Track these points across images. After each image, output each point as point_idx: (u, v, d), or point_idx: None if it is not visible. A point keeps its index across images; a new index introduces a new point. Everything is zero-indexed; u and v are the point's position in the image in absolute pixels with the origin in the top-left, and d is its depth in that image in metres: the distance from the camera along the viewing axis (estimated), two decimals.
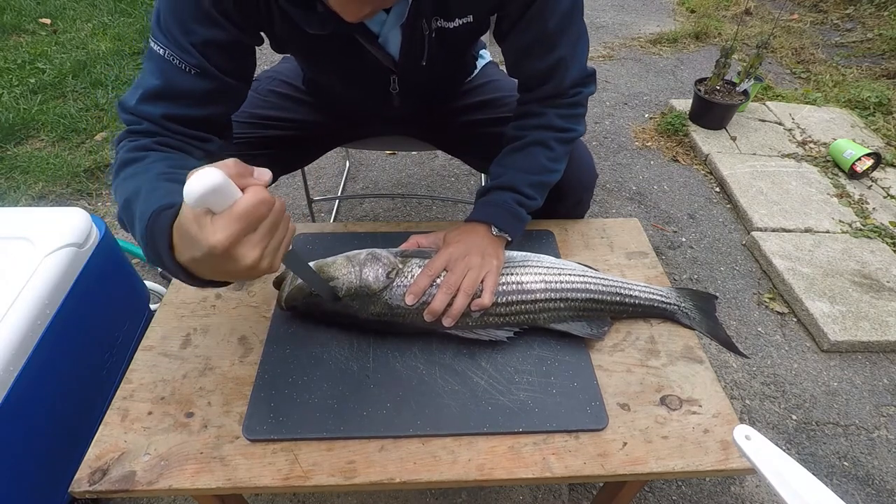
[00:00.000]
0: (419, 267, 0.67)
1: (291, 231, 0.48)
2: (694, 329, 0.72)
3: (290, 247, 0.50)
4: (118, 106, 0.64)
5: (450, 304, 0.64)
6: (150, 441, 0.57)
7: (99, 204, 1.66)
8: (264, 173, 0.44)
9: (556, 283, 0.69)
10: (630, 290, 0.72)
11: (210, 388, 0.62)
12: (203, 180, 0.38)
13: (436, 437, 0.58)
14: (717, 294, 1.43)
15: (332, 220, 1.61)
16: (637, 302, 0.72)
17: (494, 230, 0.72)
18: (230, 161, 0.42)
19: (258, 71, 1.01)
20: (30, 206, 1.59)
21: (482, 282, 0.66)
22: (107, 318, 0.98)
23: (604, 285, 0.70)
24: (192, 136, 0.64)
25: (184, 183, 0.40)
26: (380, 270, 0.66)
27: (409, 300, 0.64)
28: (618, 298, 0.71)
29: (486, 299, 0.65)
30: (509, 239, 0.74)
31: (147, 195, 0.52)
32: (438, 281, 0.66)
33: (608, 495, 0.80)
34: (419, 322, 0.66)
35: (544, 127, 0.77)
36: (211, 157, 0.66)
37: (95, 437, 0.58)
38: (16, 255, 0.84)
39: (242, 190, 0.42)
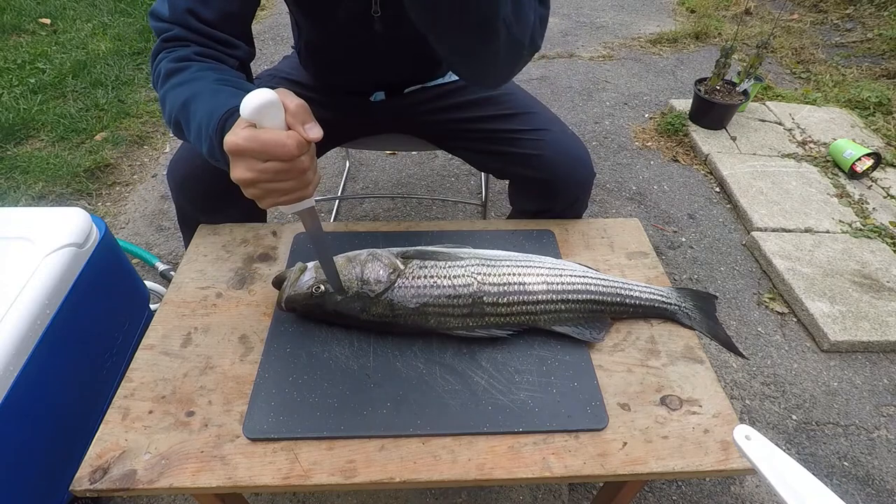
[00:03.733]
0: (420, 268, 0.67)
1: (302, 199, 0.54)
2: (694, 329, 0.72)
3: (312, 208, 0.56)
4: (149, 15, 0.70)
5: None
6: (151, 440, 0.57)
7: (99, 204, 1.66)
8: (313, 130, 0.49)
9: (557, 284, 0.69)
10: (630, 290, 0.72)
11: (211, 387, 0.62)
12: (257, 97, 0.45)
13: (436, 437, 0.58)
14: (717, 294, 1.43)
15: (332, 220, 1.61)
16: (637, 303, 0.72)
17: None
18: (301, 101, 0.49)
19: (259, 70, 1.01)
20: (30, 206, 1.59)
21: None
22: (107, 318, 0.98)
23: (604, 286, 0.70)
24: (219, 39, 0.69)
25: (240, 87, 0.53)
26: (380, 271, 0.66)
27: None
28: (618, 299, 0.71)
29: None
30: None
31: (211, 96, 0.59)
32: (437, 282, 0.66)
33: (608, 495, 0.80)
34: (420, 322, 0.66)
35: None
36: (242, 66, 0.73)
37: (96, 436, 0.58)
38: (16, 255, 0.84)
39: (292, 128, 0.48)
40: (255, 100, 0.45)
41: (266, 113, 0.46)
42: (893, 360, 1.29)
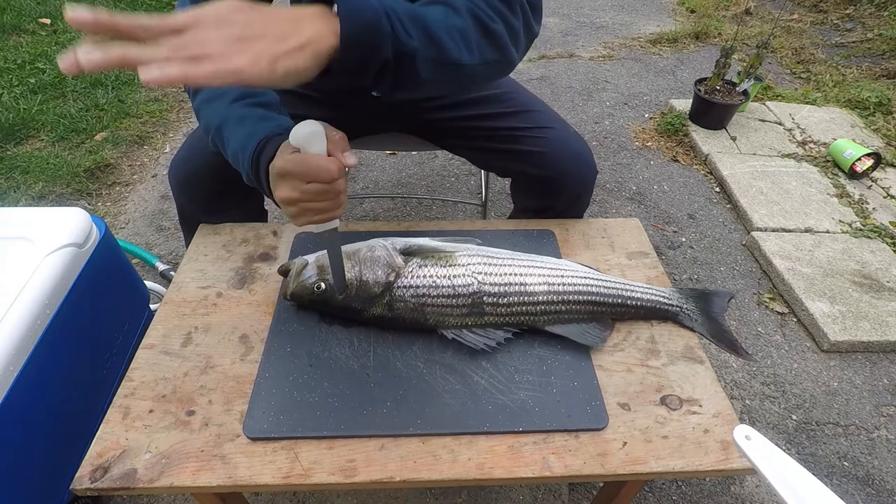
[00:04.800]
0: (420, 266, 0.67)
1: (332, 219, 0.59)
2: (696, 331, 0.72)
3: (336, 229, 0.61)
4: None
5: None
6: (151, 439, 0.57)
7: (99, 204, 1.66)
8: (350, 157, 0.55)
9: (558, 284, 0.68)
10: (632, 291, 0.72)
11: (211, 387, 0.62)
12: (305, 127, 0.52)
13: (436, 436, 0.58)
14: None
15: None
16: (639, 304, 0.71)
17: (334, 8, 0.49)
18: (341, 133, 0.55)
19: None
20: (30, 206, 1.59)
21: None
22: (107, 318, 0.98)
23: (605, 287, 0.70)
24: None
25: (262, 103, 0.63)
26: (379, 272, 0.66)
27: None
28: (619, 300, 0.71)
29: (237, 63, 0.40)
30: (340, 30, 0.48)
31: (238, 124, 0.64)
32: (437, 281, 0.66)
33: (608, 495, 0.80)
34: (420, 320, 0.66)
35: None
36: None
37: (97, 435, 0.58)
38: (16, 255, 0.84)
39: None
40: (305, 130, 0.52)
41: (312, 140, 0.53)
42: (893, 360, 1.29)
